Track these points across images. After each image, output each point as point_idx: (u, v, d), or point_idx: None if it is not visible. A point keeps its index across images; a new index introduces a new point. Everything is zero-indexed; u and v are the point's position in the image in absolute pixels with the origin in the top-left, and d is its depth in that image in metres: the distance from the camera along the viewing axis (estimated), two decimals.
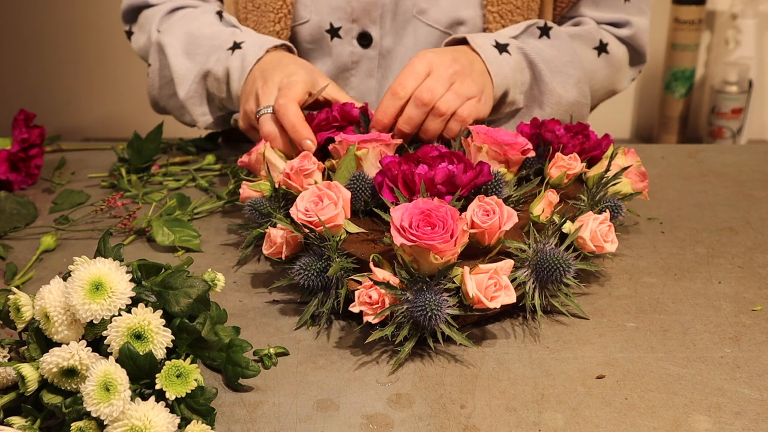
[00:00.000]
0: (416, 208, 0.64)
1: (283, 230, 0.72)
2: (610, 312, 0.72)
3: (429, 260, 0.63)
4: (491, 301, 0.63)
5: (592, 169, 0.84)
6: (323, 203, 0.70)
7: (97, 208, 0.92)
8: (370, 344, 0.67)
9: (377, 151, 0.79)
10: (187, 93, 1.01)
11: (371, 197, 0.76)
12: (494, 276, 0.65)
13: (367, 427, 0.58)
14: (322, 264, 0.69)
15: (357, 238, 0.72)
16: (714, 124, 2.23)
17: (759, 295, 0.75)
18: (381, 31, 1.02)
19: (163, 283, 0.60)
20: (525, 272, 0.69)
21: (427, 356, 0.66)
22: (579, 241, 0.73)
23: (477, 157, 0.79)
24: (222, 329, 0.64)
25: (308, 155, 0.79)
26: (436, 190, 0.71)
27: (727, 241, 0.86)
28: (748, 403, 0.60)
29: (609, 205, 0.79)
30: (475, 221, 0.67)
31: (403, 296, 0.64)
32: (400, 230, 0.63)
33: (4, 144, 1.02)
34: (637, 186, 0.85)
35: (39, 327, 0.57)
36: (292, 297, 0.75)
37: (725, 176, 1.04)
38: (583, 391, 0.61)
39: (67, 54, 2.33)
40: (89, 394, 0.52)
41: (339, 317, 0.71)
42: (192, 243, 0.84)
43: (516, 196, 0.77)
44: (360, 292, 0.65)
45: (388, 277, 0.65)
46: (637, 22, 1.06)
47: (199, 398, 0.56)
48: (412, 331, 0.65)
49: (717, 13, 2.26)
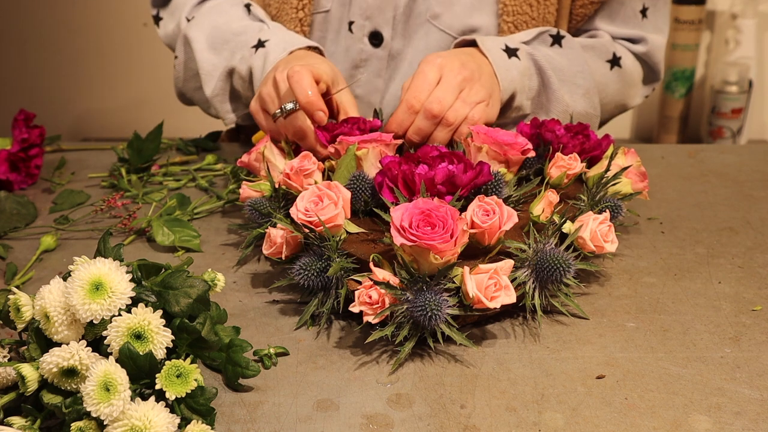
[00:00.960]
0: (416, 208, 0.64)
1: (283, 230, 0.72)
2: (610, 312, 0.72)
3: (429, 260, 0.63)
4: (491, 301, 0.64)
5: (592, 169, 0.84)
6: (323, 203, 0.70)
7: (97, 208, 0.92)
8: (370, 344, 0.67)
9: (377, 151, 0.79)
10: (213, 90, 1.00)
11: (371, 197, 0.76)
12: (494, 276, 0.65)
13: (367, 427, 0.58)
14: (322, 264, 0.69)
15: (357, 238, 0.72)
16: (714, 124, 2.23)
17: (759, 295, 0.75)
18: (393, 32, 1.02)
19: (163, 283, 0.60)
20: (525, 272, 0.69)
21: (427, 356, 0.66)
22: (579, 241, 0.73)
23: (477, 157, 0.79)
24: (222, 329, 0.64)
25: (308, 155, 0.79)
26: (436, 190, 0.71)
27: (727, 241, 0.86)
28: (748, 403, 0.60)
29: (609, 205, 0.79)
30: (475, 221, 0.67)
31: (403, 296, 0.64)
32: (400, 230, 0.64)
33: (4, 144, 1.02)
34: (637, 186, 0.85)
35: (39, 327, 0.57)
36: (292, 297, 0.75)
37: (725, 176, 1.04)
38: (583, 391, 0.61)
39: (67, 54, 2.33)
40: (89, 394, 0.52)
41: (339, 317, 0.71)
42: (192, 243, 0.84)
43: (516, 196, 0.77)
44: (360, 292, 0.65)
45: (388, 277, 0.65)
46: (653, 39, 1.05)
47: (199, 398, 0.56)
48: (412, 331, 0.65)
49: (717, 13, 2.26)
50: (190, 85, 1.06)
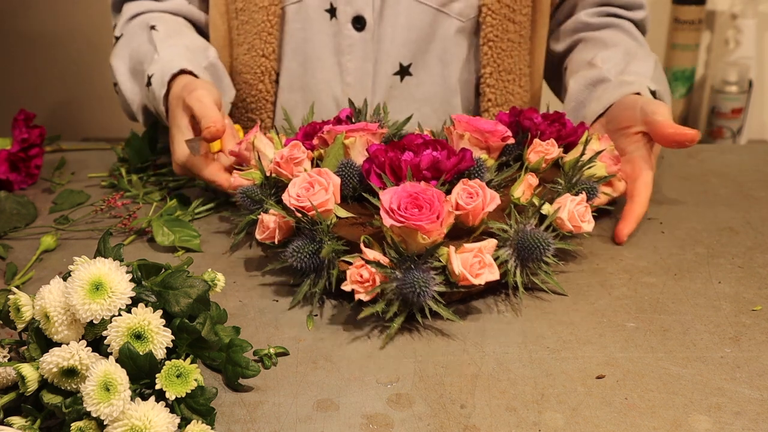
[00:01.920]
0: (404, 192, 0.68)
1: (276, 216, 0.75)
2: (610, 312, 0.72)
3: (417, 240, 0.67)
4: (476, 278, 0.67)
5: (568, 155, 0.87)
6: (314, 189, 0.73)
7: (97, 208, 0.92)
8: (370, 344, 0.68)
9: (364, 140, 0.81)
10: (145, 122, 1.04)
11: (359, 183, 0.78)
12: (478, 254, 0.68)
13: (367, 427, 0.58)
14: (314, 246, 0.71)
15: (346, 222, 0.75)
16: (714, 124, 2.23)
17: (759, 295, 0.75)
18: (373, 13, 1.02)
19: (163, 283, 0.60)
20: (507, 251, 0.73)
21: (427, 356, 0.66)
22: (557, 222, 0.77)
23: (459, 144, 0.82)
24: (222, 329, 0.64)
25: (297, 144, 0.81)
26: (421, 176, 0.74)
27: (727, 241, 0.86)
28: (748, 403, 0.60)
29: (585, 187, 0.83)
30: (460, 203, 0.71)
31: (393, 274, 0.67)
32: (389, 212, 0.67)
33: (4, 144, 1.02)
34: (611, 169, 0.88)
35: (39, 327, 0.57)
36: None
37: (725, 176, 1.04)
38: (583, 391, 0.61)
39: (67, 54, 2.33)
40: (89, 394, 0.52)
41: (331, 296, 0.74)
42: (192, 243, 0.84)
43: (497, 180, 0.81)
44: (352, 272, 0.68)
45: (378, 257, 0.68)
46: (646, 6, 1.10)
47: (199, 398, 0.56)
48: (402, 308, 0.68)
49: (717, 13, 2.26)
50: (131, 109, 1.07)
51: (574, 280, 0.78)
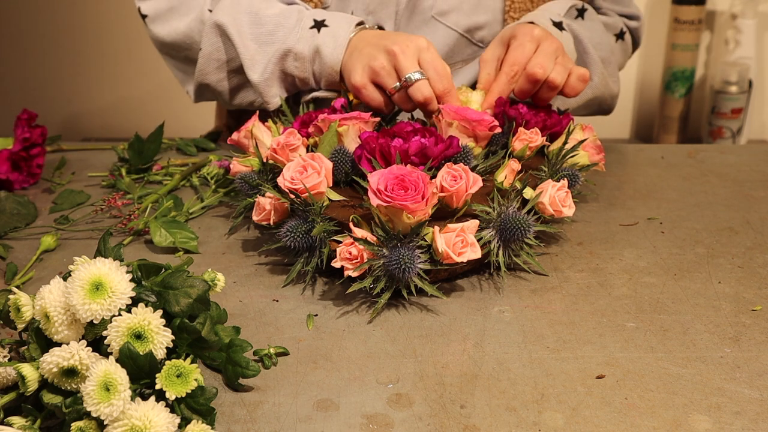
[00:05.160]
0: (391, 174, 0.71)
1: (271, 198, 0.78)
2: (610, 312, 0.72)
3: (402, 220, 0.70)
4: (459, 257, 0.70)
5: (553, 144, 0.90)
6: (307, 172, 0.75)
7: (97, 208, 0.92)
8: (370, 343, 0.68)
9: (357, 128, 0.84)
10: (262, 74, 0.98)
11: (351, 169, 0.82)
12: (461, 234, 0.71)
13: (367, 427, 0.58)
14: (307, 226, 0.74)
15: (338, 204, 0.78)
16: (714, 124, 2.23)
17: (759, 295, 0.75)
18: (395, 27, 1.02)
19: (163, 283, 0.60)
20: (490, 232, 0.76)
21: (427, 356, 0.66)
22: (539, 206, 0.80)
23: (447, 132, 0.84)
24: (222, 329, 0.64)
25: (293, 132, 0.83)
26: (410, 161, 0.77)
27: (727, 241, 0.86)
28: (748, 403, 0.60)
29: (567, 173, 0.85)
30: (444, 185, 0.73)
31: (380, 252, 0.70)
32: (376, 192, 0.70)
33: (6, 143, 1.02)
34: (593, 158, 0.91)
35: (39, 327, 0.57)
36: (291, 296, 0.75)
37: (725, 176, 1.04)
38: (583, 391, 0.61)
39: (67, 54, 2.33)
40: (89, 394, 0.52)
41: (323, 275, 0.78)
42: (190, 245, 0.84)
43: (483, 167, 0.84)
44: (341, 249, 0.71)
45: (366, 235, 0.71)
46: (641, 16, 1.15)
47: (199, 398, 0.56)
48: (389, 284, 0.72)
49: (717, 13, 2.26)
50: (216, 76, 1.03)
51: (574, 280, 0.78)
